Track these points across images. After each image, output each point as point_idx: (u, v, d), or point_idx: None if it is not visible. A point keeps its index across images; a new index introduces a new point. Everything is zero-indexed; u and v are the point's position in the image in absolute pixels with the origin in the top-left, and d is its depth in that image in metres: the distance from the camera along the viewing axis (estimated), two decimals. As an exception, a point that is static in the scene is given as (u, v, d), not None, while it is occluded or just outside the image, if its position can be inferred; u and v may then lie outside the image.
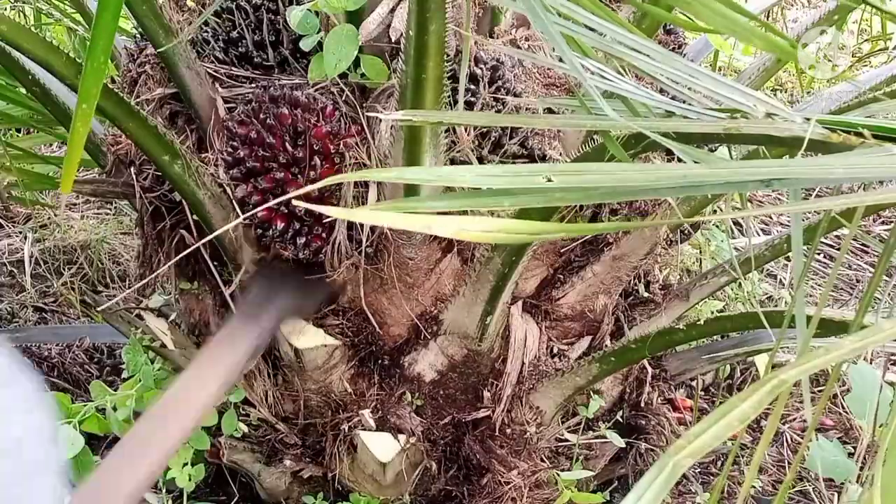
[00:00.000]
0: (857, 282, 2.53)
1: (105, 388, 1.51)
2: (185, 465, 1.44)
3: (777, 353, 1.50)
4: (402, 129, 1.16)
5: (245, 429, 1.50)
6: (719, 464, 1.90)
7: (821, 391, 1.93)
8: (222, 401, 1.46)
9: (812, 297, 2.34)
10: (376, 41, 1.24)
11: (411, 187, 1.20)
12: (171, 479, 1.44)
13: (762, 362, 1.85)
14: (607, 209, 1.42)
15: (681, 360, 1.67)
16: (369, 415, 1.41)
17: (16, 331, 2.20)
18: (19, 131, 2.56)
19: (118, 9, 0.80)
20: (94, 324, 2.23)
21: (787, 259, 2.19)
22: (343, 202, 1.27)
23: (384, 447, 1.40)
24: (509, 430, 1.44)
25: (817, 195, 2.13)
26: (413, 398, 1.44)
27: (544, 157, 1.31)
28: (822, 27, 1.46)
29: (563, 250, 1.47)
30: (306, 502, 1.53)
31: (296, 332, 1.38)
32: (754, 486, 1.82)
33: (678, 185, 0.55)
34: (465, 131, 1.24)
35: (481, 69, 1.25)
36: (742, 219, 2.39)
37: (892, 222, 2.63)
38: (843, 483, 1.59)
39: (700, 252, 2.01)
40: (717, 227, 1.99)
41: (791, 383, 0.48)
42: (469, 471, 1.47)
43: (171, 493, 1.51)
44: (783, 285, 2.40)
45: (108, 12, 0.78)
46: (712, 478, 1.86)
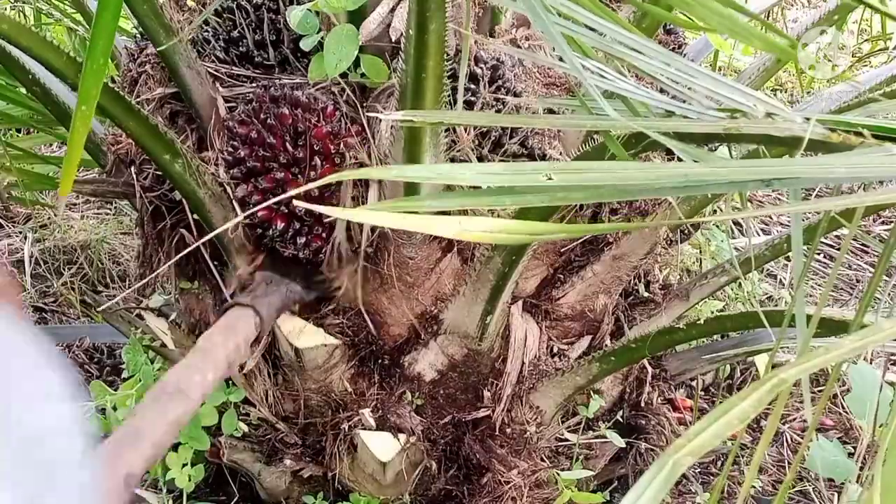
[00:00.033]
0: (857, 282, 2.53)
1: (105, 388, 1.51)
2: (184, 465, 1.44)
3: (777, 352, 1.50)
4: (402, 128, 1.16)
5: (245, 428, 1.50)
6: (719, 464, 1.90)
7: (821, 391, 1.93)
8: (222, 401, 1.46)
9: (812, 296, 2.35)
10: (376, 41, 1.24)
11: (411, 186, 1.20)
12: (171, 479, 1.44)
13: (762, 362, 1.85)
14: (607, 209, 1.42)
15: (681, 359, 1.67)
16: (369, 414, 1.41)
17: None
18: (19, 131, 2.56)
19: (118, 9, 0.80)
20: (94, 324, 2.23)
21: (787, 259, 2.19)
22: (343, 202, 1.27)
23: (384, 447, 1.40)
24: (509, 430, 1.44)
25: (817, 195, 2.13)
26: (413, 398, 1.44)
27: (544, 156, 1.31)
28: (822, 27, 1.46)
29: (563, 250, 1.47)
30: (306, 502, 1.53)
31: (296, 331, 1.38)
32: (754, 486, 1.82)
33: (679, 184, 0.55)
34: (465, 131, 1.24)
35: (481, 68, 1.25)
36: (742, 219, 2.39)
37: (892, 222, 2.63)
38: (843, 483, 1.60)
39: (700, 252, 2.01)
40: (717, 227, 1.99)
41: (791, 383, 0.48)
42: (469, 470, 1.47)
43: (171, 493, 1.51)
44: (783, 285, 2.40)
45: (108, 12, 0.78)
46: (712, 478, 1.86)
